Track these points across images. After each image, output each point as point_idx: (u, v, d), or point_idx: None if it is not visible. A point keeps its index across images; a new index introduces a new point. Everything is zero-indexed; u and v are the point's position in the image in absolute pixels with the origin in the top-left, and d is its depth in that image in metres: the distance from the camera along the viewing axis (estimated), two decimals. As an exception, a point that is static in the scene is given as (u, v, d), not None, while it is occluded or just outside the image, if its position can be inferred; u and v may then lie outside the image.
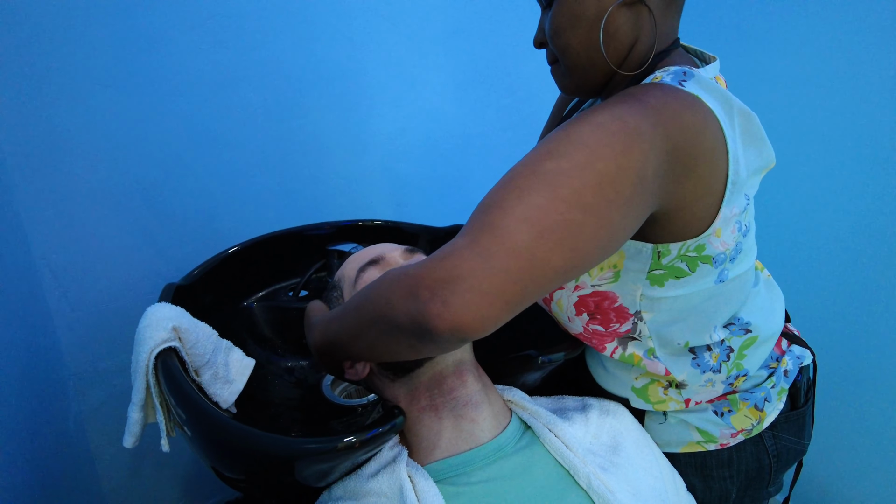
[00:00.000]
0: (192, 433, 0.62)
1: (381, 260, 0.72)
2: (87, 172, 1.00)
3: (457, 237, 0.47)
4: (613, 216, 0.49)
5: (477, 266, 0.43)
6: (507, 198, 0.47)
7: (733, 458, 0.73)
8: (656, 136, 0.50)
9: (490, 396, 0.65)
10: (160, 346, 0.66)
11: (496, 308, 0.43)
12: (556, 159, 0.48)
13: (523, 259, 0.44)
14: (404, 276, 0.47)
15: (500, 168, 1.45)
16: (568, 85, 0.69)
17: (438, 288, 0.43)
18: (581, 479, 0.59)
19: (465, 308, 0.42)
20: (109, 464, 1.18)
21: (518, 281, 0.44)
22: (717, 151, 0.55)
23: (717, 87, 0.58)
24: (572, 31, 0.62)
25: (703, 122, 0.54)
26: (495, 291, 0.43)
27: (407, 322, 0.46)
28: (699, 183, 0.55)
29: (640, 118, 0.50)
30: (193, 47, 1.03)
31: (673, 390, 0.71)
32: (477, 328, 0.43)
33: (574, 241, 0.46)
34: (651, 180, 0.51)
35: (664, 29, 0.63)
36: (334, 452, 0.53)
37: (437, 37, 1.29)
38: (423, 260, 0.47)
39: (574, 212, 0.46)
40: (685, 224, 0.57)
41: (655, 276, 0.62)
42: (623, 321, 0.67)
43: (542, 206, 0.46)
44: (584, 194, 0.47)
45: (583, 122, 0.51)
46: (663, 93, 0.54)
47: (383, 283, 0.50)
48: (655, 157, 0.50)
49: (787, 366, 0.75)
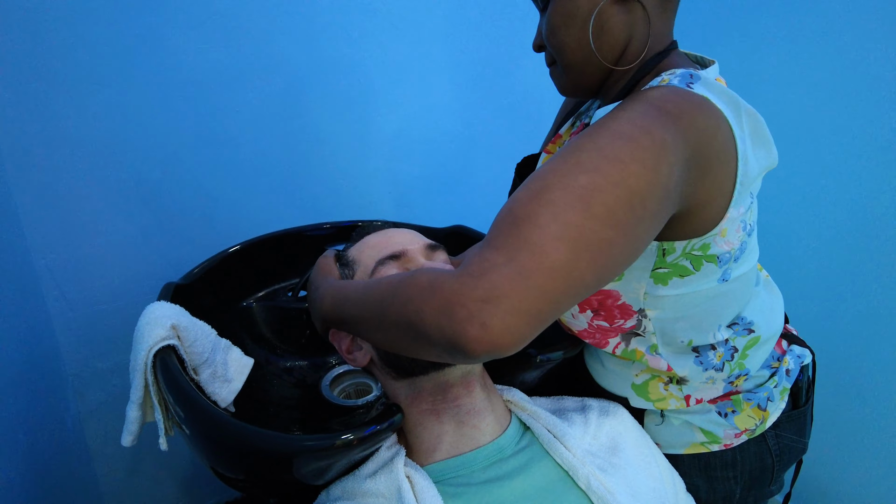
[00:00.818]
0: (191, 431, 0.62)
1: (403, 256, 0.69)
2: (85, 171, 1.00)
3: (488, 251, 0.46)
4: (640, 231, 0.49)
5: (516, 286, 0.43)
6: (541, 213, 0.46)
7: (737, 458, 0.73)
8: (678, 144, 0.51)
9: (493, 403, 0.65)
10: (159, 343, 0.66)
11: (532, 326, 0.44)
12: (590, 174, 0.48)
13: (560, 278, 0.44)
14: (438, 288, 0.46)
15: (500, 167, 1.46)
16: (565, 85, 0.69)
17: (476, 309, 0.42)
18: (580, 480, 0.59)
19: (504, 329, 0.42)
20: (108, 463, 1.17)
21: (553, 300, 0.44)
22: (728, 152, 0.55)
23: (724, 88, 0.58)
24: (566, 29, 0.63)
25: (715, 124, 0.54)
26: (533, 310, 0.43)
27: (438, 337, 0.45)
28: (713, 184, 0.55)
29: (664, 129, 0.51)
30: (193, 46, 1.03)
31: (673, 386, 0.71)
32: (512, 348, 0.44)
33: (606, 258, 0.47)
34: (673, 190, 0.51)
35: (659, 27, 0.64)
36: (332, 449, 0.53)
37: (438, 37, 1.30)
38: (456, 273, 0.46)
39: (607, 230, 0.46)
40: (695, 224, 0.58)
41: (659, 275, 0.62)
42: (627, 318, 0.67)
43: (577, 224, 0.46)
44: (616, 212, 0.47)
45: (611, 134, 0.51)
46: (678, 97, 0.54)
47: (413, 287, 0.49)
48: (678, 167, 0.51)
49: (789, 365, 0.75)
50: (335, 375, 0.94)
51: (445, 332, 0.44)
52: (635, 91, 0.63)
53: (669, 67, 0.63)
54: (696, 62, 0.68)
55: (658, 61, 0.64)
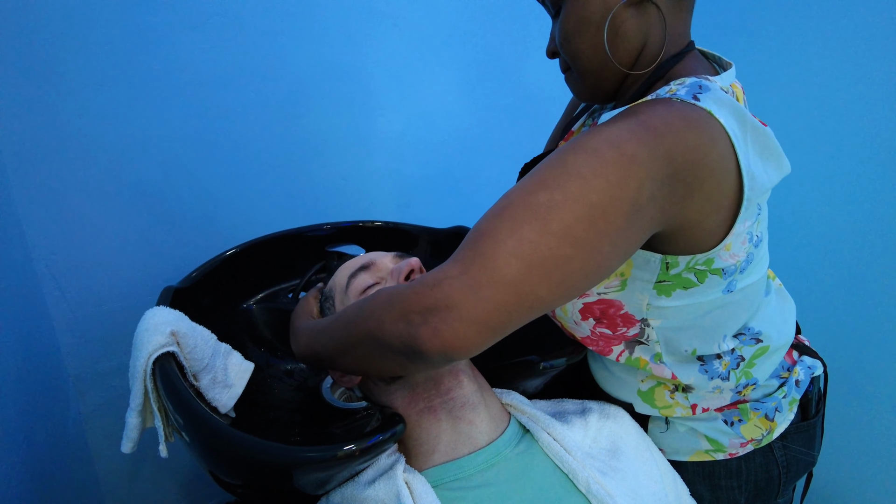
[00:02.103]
0: (190, 439, 0.62)
1: (372, 265, 0.73)
2: (86, 173, 0.99)
3: (448, 262, 0.49)
4: (604, 248, 0.49)
5: (466, 297, 0.45)
6: (499, 228, 0.48)
7: (742, 468, 0.72)
8: (654, 160, 0.50)
9: (486, 398, 0.65)
10: (158, 350, 0.66)
11: (483, 335, 0.46)
12: (550, 191, 0.48)
13: (510, 292, 0.46)
14: (396, 298, 0.49)
15: (503, 168, 1.46)
16: (582, 91, 0.69)
17: (429, 315, 0.46)
18: (580, 484, 0.58)
19: (454, 335, 0.45)
20: (108, 466, 1.17)
21: (505, 312, 0.46)
22: (726, 168, 0.54)
23: (732, 101, 0.56)
24: (580, 35, 0.62)
25: (709, 140, 0.52)
26: (482, 321, 0.45)
27: (398, 343, 0.48)
28: (706, 201, 0.54)
29: (638, 143, 0.50)
30: (194, 47, 1.03)
31: (679, 394, 0.70)
32: (464, 353, 0.46)
33: (562, 274, 0.48)
34: (646, 206, 0.50)
35: (675, 28, 0.62)
36: (334, 461, 0.53)
37: (440, 37, 1.29)
38: (414, 283, 0.49)
39: (564, 247, 0.47)
40: (694, 240, 0.57)
41: (663, 287, 0.61)
42: (630, 326, 0.66)
43: (532, 240, 0.47)
44: (574, 228, 0.47)
45: (579, 149, 0.51)
46: (669, 112, 0.53)
47: (374, 302, 0.52)
48: (651, 183, 0.50)
49: (799, 376, 0.74)
50: (336, 378, 0.94)
51: (403, 337, 0.47)
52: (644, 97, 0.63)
53: (682, 73, 0.62)
54: (714, 62, 0.67)
55: (675, 63, 0.62)
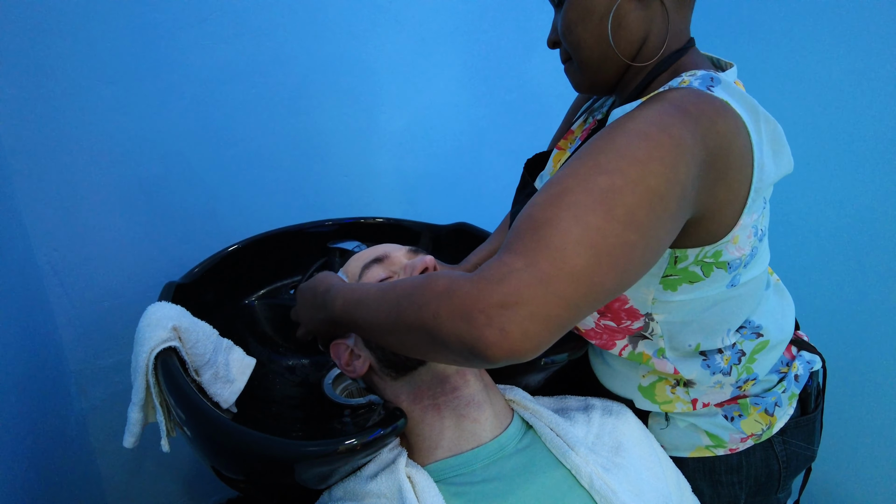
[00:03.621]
0: (192, 434, 0.62)
1: (386, 258, 0.72)
2: (88, 169, 0.99)
3: (508, 255, 0.45)
4: (660, 233, 0.48)
5: (536, 292, 0.42)
6: (561, 216, 0.45)
7: (742, 463, 0.72)
8: (696, 144, 0.50)
9: (491, 396, 0.65)
10: (160, 345, 0.66)
11: (551, 332, 0.43)
12: (609, 175, 0.47)
13: (581, 284, 0.43)
14: (456, 292, 0.44)
15: (505, 165, 1.45)
16: (581, 82, 0.69)
17: (496, 314, 0.41)
18: (583, 479, 0.58)
19: (523, 335, 0.41)
20: (110, 461, 1.18)
21: (574, 306, 0.43)
22: (745, 159, 0.54)
23: (744, 93, 0.57)
24: (583, 25, 0.62)
25: (735, 129, 0.53)
26: (553, 317, 0.42)
27: (456, 342, 0.44)
28: (728, 190, 0.54)
29: (682, 127, 0.50)
30: (196, 44, 1.03)
31: (680, 389, 0.70)
32: (531, 353, 0.43)
33: (627, 262, 0.46)
34: (690, 190, 0.50)
35: (677, 24, 0.63)
36: (335, 455, 0.53)
37: (442, 34, 1.29)
38: (475, 278, 0.45)
39: (629, 232, 0.45)
40: (708, 230, 0.57)
41: (669, 281, 0.61)
42: (634, 320, 0.66)
43: (599, 227, 0.45)
44: (637, 213, 0.46)
45: (628, 133, 0.50)
46: (699, 98, 0.53)
47: (430, 291, 0.47)
48: (695, 167, 0.50)
49: (798, 370, 0.74)
50: (338, 373, 0.94)
51: (464, 338, 0.43)
52: (650, 89, 0.63)
53: (688, 67, 0.62)
54: (713, 64, 0.67)
55: (676, 59, 0.63)
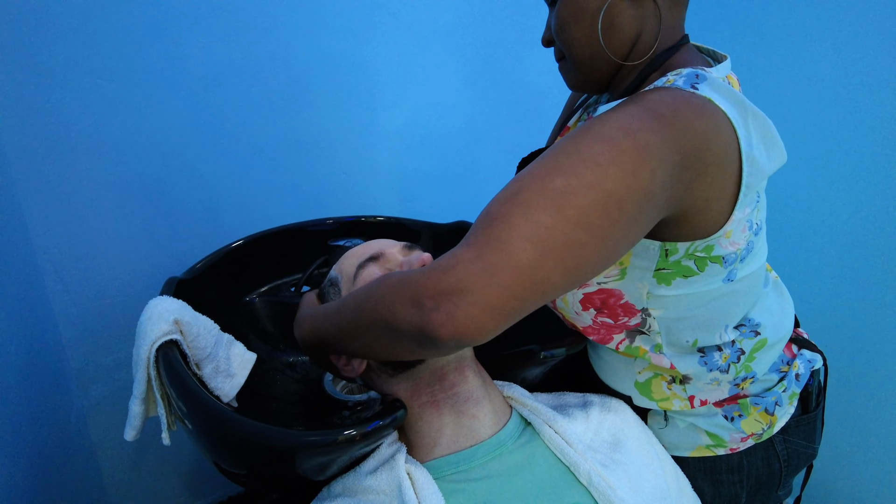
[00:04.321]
0: (193, 426, 0.62)
1: (381, 256, 0.72)
2: (88, 166, 1.00)
3: (460, 247, 0.48)
4: (616, 234, 0.49)
5: (481, 281, 0.44)
6: (513, 213, 0.47)
7: (743, 462, 0.72)
8: (665, 148, 0.50)
9: (490, 392, 0.65)
10: (161, 338, 0.66)
11: (497, 320, 0.46)
12: (565, 176, 0.48)
13: (526, 277, 0.45)
14: (408, 283, 0.48)
15: (504, 163, 1.46)
16: (575, 80, 0.69)
17: (442, 299, 0.45)
18: (582, 476, 0.58)
19: (468, 320, 0.44)
20: (111, 458, 1.18)
21: (519, 297, 0.46)
22: (729, 155, 0.55)
23: (730, 89, 0.57)
24: (576, 24, 0.63)
25: (714, 126, 0.53)
26: (497, 306, 0.45)
27: (409, 328, 0.48)
28: (710, 187, 0.55)
29: (650, 132, 0.50)
30: (196, 41, 1.03)
31: (677, 386, 0.70)
32: (477, 338, 0.46)
33: (575, 260, 0.48)
34: (658, 194, 0.51)
35: (670, 21, 0.63)
36: (334, 445, 0.53)
37: (441, 31, 1.29)
38: (426, 268, 0.48)
39: (578, 232, 0.47)
40: (696, 226, 0.57)
41: (662, 275, 0.62)
42: (631, 316, 0.67)
43: (547, 225, 0.46)
44: (589, 215, 0.47)
45: (593, 136, 0.51)
46: (674, 99, 0.54)
47: (384, 287, 0.52)
48: (664, 170, 0.50)
49: (799, 369, 0.74)
50: (338, 371, 0.94)
51: (415, 323, 0.47)
52: (641, 88, 0.63)
53: (678, 65, 0.62)
54: (708, 55, 0.67)
55: (669, 56, 0.63)
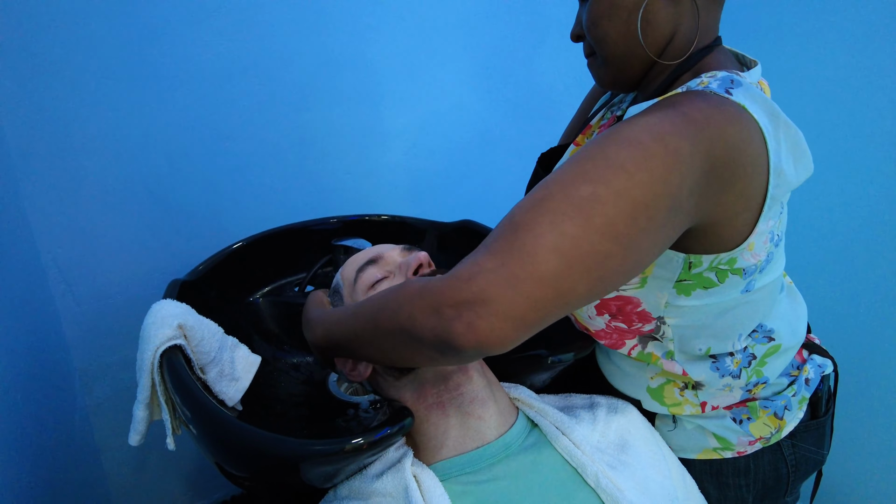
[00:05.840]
0: (198, 432, 0.62)
1: (380, 259, 0.72)
2: (92, 166, 0.99)
3: (482, 254, 0.46)
4: (643, 244, 0.48)
5: (503, 292, 0.43)
6: (538, 221, 0.46)
7: (750, 466, 0.72)
8: (695, 154, 0.49)
9: (495, 393, 0.65)
10: (165, 343, 0.66)
11: (518, 331, 0.44)
12: (593, 184, 0.47)
13: (549, 288, 0.44)
14: (428, 291, 0.47)
15: (509, 162, 1.45)
16: (605, 78, 0.68)
17: (464, 309, 0.44)
18: (589, 478, 0.58)
19: (489, 330, 0.43)
20: (115, 459, 1.18)
21: (542, 308, 0.44)
22: (759, 165, 0.53)
23: (764, 97, 0.56)
24: (609, 20, 0.61)
25: (747, 135, 0.52)
26: (519, 316, 0.44)
27: (430, 337, 0.46)
28: (739, 198, 0.54)
29: (680, 137, 0.49)
30: (200, 40, 1.02)
31: (689, 392, 0.70)
32: (499, 348, 0.45)
33: (601, 271, 0.46)
34: (686, 200, 0.50)
35: (706, 21, 0.62)
36: (341, 454, 0.53)
37: (447, 30, 1.28)
38: (447, 276, 0.47)
39: (605, 243, 0.46)
40: (721, 238, 0.56)
41: (683, 286, 0.61)
42: (646, 322, 0.66)
43: (574, 235, 0.45)
44: (617, 224, 0.46)
45: (621, 141, 0.49)
46: (708, 105, 0.52)
47: (404, 294, 0.50)
48: (692, 177, 0.49)
49: (809, 374, 0.73)
50: (342, 372, 0.94)
51: (436, 331, 0.45)
52: (672, 88, 0.62)
53: (712, 67, 0.61)
54: (738, 60, 0.66)
55: (702, 56, 0.62)
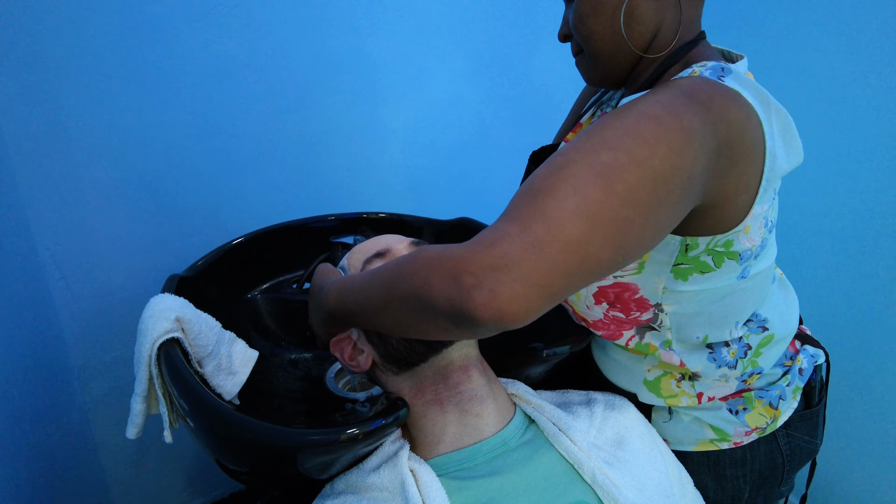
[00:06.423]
0: (195, 424, 0.62)
1: (388, 252, 0.71)
2: (90, 163, 0.99)
3: (502, 222, 0.45)
4: (661, 215, 0.48)
5: (528, 256, 0.42)
6: (560, 186, 0.45)
7: (746, 457, 0.72)
8: (706, 132, 0.50)
9: (495, 391, 0.65)
10: (163, 336, 0.66)
11: (542, 299, 0.43)
12: (614, 151, 0.47)
13: (574, 253, 0.43)
14: (448, 257, 0.45)
15: (506, 160, 1.46)
16: (593, 74, 0.68)
17: (485, 276, 0.42)
18: (585, 474, 0.58)
19: (512, 298, 0.41)
20: (113, 454, 1.18)
21: (566, 273, 0.43)
22: (756, 148, 0.55)
23: (754, 83, 0.57)
24: (595, 17, 0.62)
25: (746, 118, 0.53)
26: (544, 283, 0.42)
27: (446, 306, 0.44)
28: (739, 179, 0.54)
29: (692, 115, 0.50)
30: (198, 38, 1.03)
31: (686, 383, 0.70)
32: (520, 318, 0.43)
33: (623, 238, 0.46)
34: (698, 179, 0.50)
35: (689, 15, 0.63)
36: (337, 444, 0.53)
37: (445, 28, 1.29)
38: (468, 242, 0.45)
39: (627, 209, 0.45)
40: (719, 219, 0.57)
41: (680, 270, 0.61)
42: (644, 310, 0.66)
43: (597, 199, 0.44)
44: (638, 192, 0.46)
45: (638, 114, 0.50)
46: (710, 87, 0.53)
47: (421, 259, 0.48)
48: (703, 155, 0.50)
49: (802, 364, 0.74)
50: (340, 367, 0.94)
51: (453, 300, 0.43)
52: (660, 81, 0.63)
53: (698, 59, 0.62)
54: (724, 56, 0.67)
55: (687, 51, 0.63)
